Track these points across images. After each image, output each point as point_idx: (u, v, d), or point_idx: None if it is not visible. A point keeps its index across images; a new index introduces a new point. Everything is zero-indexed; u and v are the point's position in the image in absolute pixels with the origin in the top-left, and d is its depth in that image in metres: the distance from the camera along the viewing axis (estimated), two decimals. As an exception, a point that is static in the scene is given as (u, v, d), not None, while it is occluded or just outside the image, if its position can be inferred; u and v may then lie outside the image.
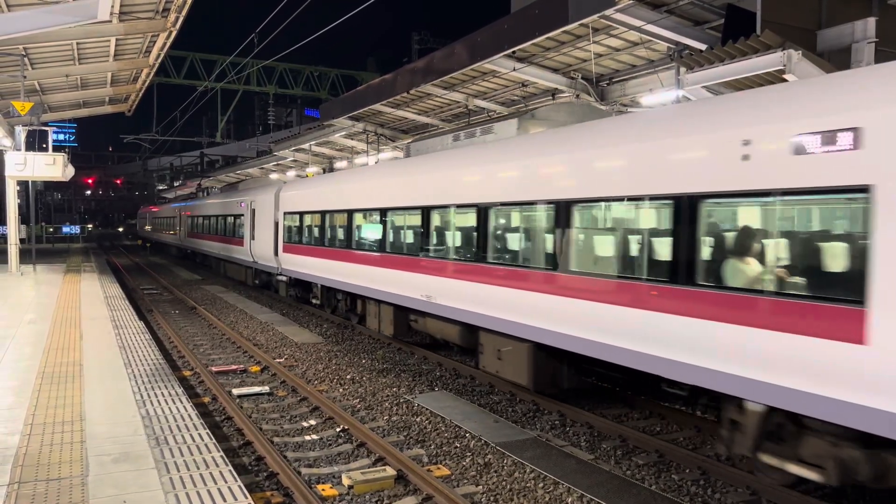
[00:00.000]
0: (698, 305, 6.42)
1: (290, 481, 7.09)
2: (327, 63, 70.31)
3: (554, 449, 8.27)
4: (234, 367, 12.72)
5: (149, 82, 23.58)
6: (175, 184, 66.25)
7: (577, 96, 14.66)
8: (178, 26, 16.30)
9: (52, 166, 19.91)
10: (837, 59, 9.17)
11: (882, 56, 8.42)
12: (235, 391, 10.87)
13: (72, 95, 24.48)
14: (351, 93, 21.78)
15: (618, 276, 7.49)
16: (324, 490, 6.98)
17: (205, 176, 48.55)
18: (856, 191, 5.19)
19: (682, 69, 10.24)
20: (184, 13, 15.57)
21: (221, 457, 6.14)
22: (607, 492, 6.96)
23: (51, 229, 65.12)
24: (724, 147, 6.27)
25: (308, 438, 8.78)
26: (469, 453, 8.14)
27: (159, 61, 20.29)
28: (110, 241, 77.68)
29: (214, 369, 12.49)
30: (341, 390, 11.11)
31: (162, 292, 25.63)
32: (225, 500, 5.21)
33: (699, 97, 10.18)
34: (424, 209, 11.64)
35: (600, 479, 7.29)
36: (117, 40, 17.86)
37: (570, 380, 9.54)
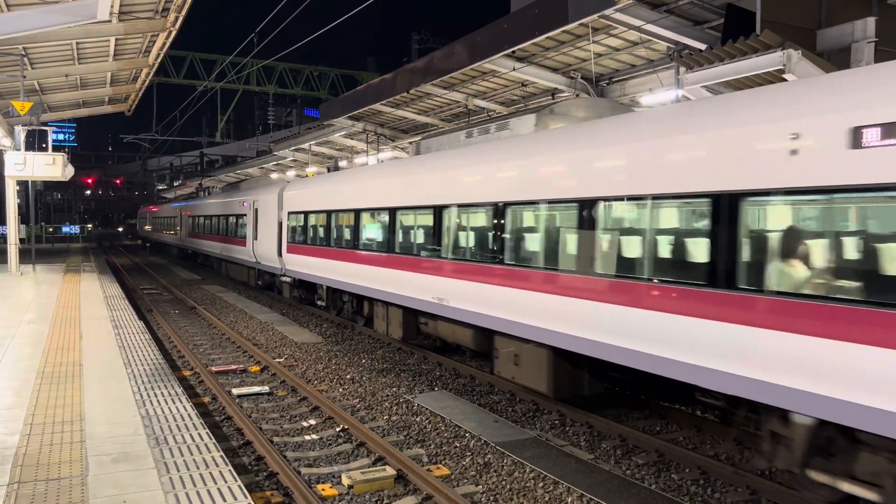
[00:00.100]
0: (740, 311, 6.03)
1: (289, 481, 7.09)
2: (327, 63, 70.36)
3: (554, 448, 8.27)
4: (233, 366, 12.72)
5: (148, 82, 23.58)
6: (175, 183, 66.27)
7: (577, 96, 14.66)
8: (177, 26, 16.30)
9: (52, 166, 19.89)
10: (837, 59, 9.18)
11: (882, 56, 8.42)
12: (235, 391, 10.87)
13: (71, 95, 24.48)
14: (351, 92, 21.79)
15: (648, 280, 7.08)
16: (323, 490, 6.98)
17: (205, 175, 48.54)
18: None
19: (682, 69, 10.24)
20: (183, 13, 15.57)
21: (221, 457, 6.13)
22: (607, 491, 6.96)
23: (50, 229, 65.16)
24: (770, 141, 5.85)
25: (308, 438, 8.78)
26: (469, 453, 8.13)
27: (159, 61, 20.28)
28: (110, 240, 77.67)
29: (214, 369, 12.49)
30: (341, 390, 11.11)
31: (161, 292, 25.63)
32: (225, 500, 5.20)
33: (699, 97, 10.17)
34: (436, 208, 11.22)
35: (600, 479, 7.29)
36: (117, 40, 17.86)
37: (592, 386, 9.12)
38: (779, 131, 5.82)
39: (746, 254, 6.08)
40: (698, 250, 6.60)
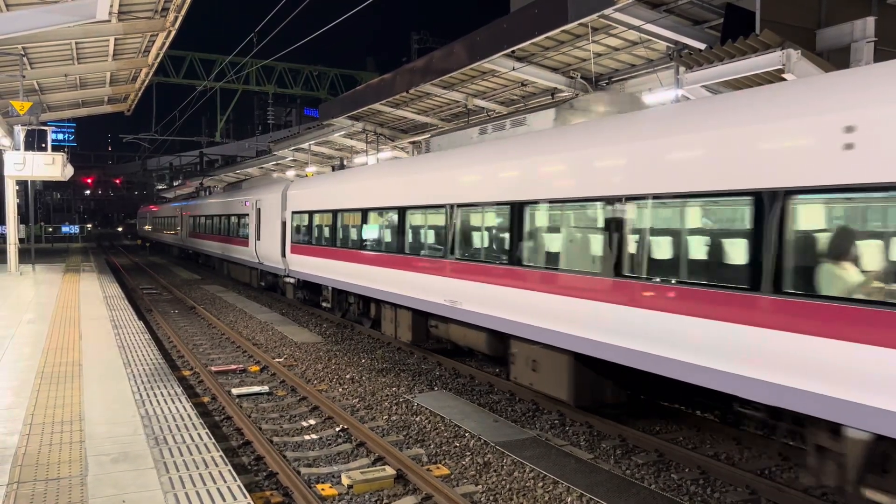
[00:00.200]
0: (786, 317, 5.63)
1: (289, 481, 7.09)
2: (326, 63, 70.34)
3: (553, 448, 8.27)
4: (233, 366, 12.72)
5: (148, 82, 23.55)
6: (175, 183, 66.28)
7: (576, 96, 14.65)
8: (177, 26, 16.28)
9: (51, 166, 19.87)
10: (837, 59, 9.18)
11: (881, 55, 8.42)
12: (235, 391, 10.86)
13: (71, 95, 24.46)
14: (350, 92, 21.77)
15: (678, 283, 6.71)
16: (323, 490, 6.98)
17: (206, 175, 48.52)
18: None
19: (682, 68, 10.24)
20: (183, 13, 15.55)
21: (221, 456, 6.13)
22: (607, 491, 6.96)
23: (50, 229, 65.18)
24: (821, 135, 5.48)
25: (307, 438, 8.78)
26: (468, 453, 8.13)
27: (158, 61, 20.26)
28: (109, 240, 77.65)
29: (214, 369, 12.49)
30: (341, 390, 11.11)
31: (161, 292, 25.63)
32: (224, 500, 5.20)
33: (698, 97, 10.17)
34: (450, 207, 10.84)
35: (600, 479, 7.29)
36: (116, 40, 17.84)
37: (615, 394, 8.77)
38: (830, 123, 5.43)
39: (797, 256, 5.65)
40: (740, 251, 6.16)
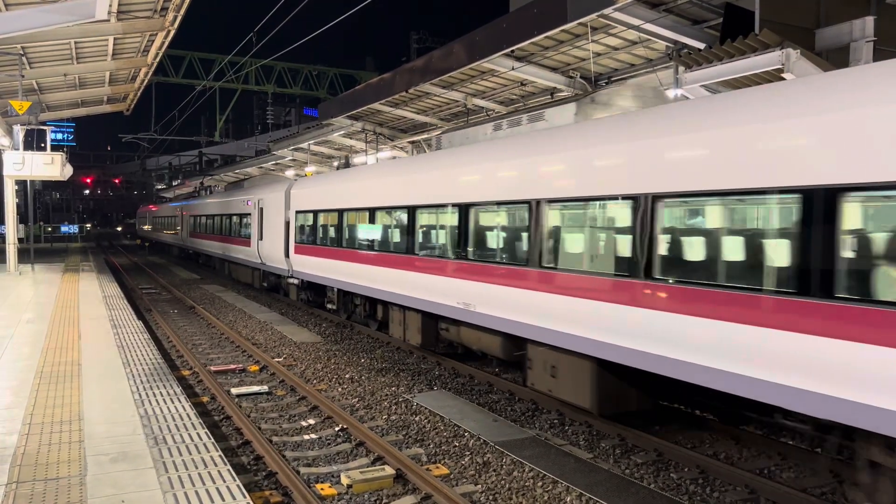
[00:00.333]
0: (838, 324, 5.25)
1: (288, 480, 7.09)
2: (326, 62, 70.44)
3: (553, 448, 8.27)
4: (232, 366, 12.72)
5: (147, 81, 23.54)
6: (174, 183, 66.24)
7: (575, 95, 14.65)
8: (176, 25, 16.27)
9: (51, 165, 19.86)
10: (836, 58, 9.19)
11: (881, 55, 8.43)
12: (234, 390, 10.86)
13: (70, 95, 24.45)
14: (350, 92, 21.77)
15: (713, 286, 6.34)
16: (323, 489, 6.98)
17: (206, 174, 48.50)
18: None
19: (681, 68, 10.24)
20: (182, 12, 15.55)
21: (220, 456, 6.13)
22: (606, 490, 6.96)
23: (49, 229, 65.15)
24: (878, 126, 5.10)
25: (307, 438, 8.78)
26: (468, 452, 8.14)
27: (157, 60, 20.25)
28: (109, 240, 77.63)
29: (213, 369, 12.49)
30: (340, 389, 11.11)
31: (161, 292, 25.62)
32: (224, 500, 5.20)
33: (698, 97, 10.17)
34: (463, 206, 10.43)
35: (599, 478, 7.29)
36: (115, 39, 17.83)
37: (641, 402, 8.36)
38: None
39: (853, 259, 5.25)
40: (789, 252, 5.74)
